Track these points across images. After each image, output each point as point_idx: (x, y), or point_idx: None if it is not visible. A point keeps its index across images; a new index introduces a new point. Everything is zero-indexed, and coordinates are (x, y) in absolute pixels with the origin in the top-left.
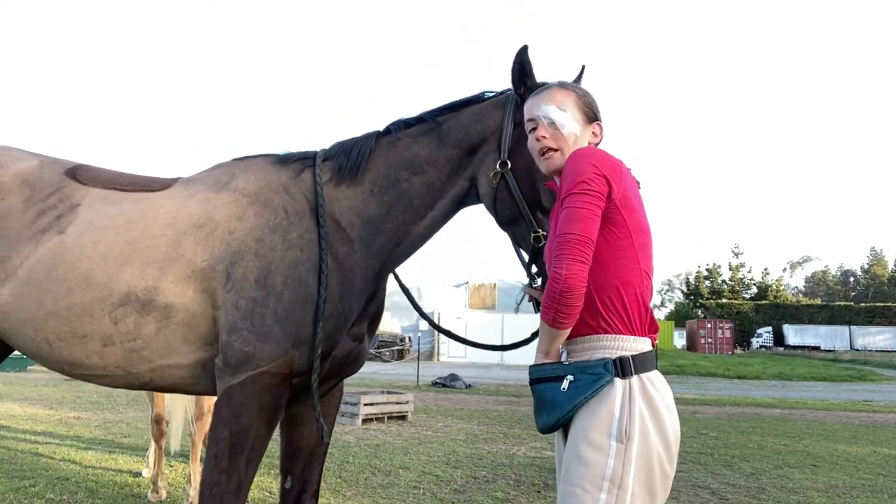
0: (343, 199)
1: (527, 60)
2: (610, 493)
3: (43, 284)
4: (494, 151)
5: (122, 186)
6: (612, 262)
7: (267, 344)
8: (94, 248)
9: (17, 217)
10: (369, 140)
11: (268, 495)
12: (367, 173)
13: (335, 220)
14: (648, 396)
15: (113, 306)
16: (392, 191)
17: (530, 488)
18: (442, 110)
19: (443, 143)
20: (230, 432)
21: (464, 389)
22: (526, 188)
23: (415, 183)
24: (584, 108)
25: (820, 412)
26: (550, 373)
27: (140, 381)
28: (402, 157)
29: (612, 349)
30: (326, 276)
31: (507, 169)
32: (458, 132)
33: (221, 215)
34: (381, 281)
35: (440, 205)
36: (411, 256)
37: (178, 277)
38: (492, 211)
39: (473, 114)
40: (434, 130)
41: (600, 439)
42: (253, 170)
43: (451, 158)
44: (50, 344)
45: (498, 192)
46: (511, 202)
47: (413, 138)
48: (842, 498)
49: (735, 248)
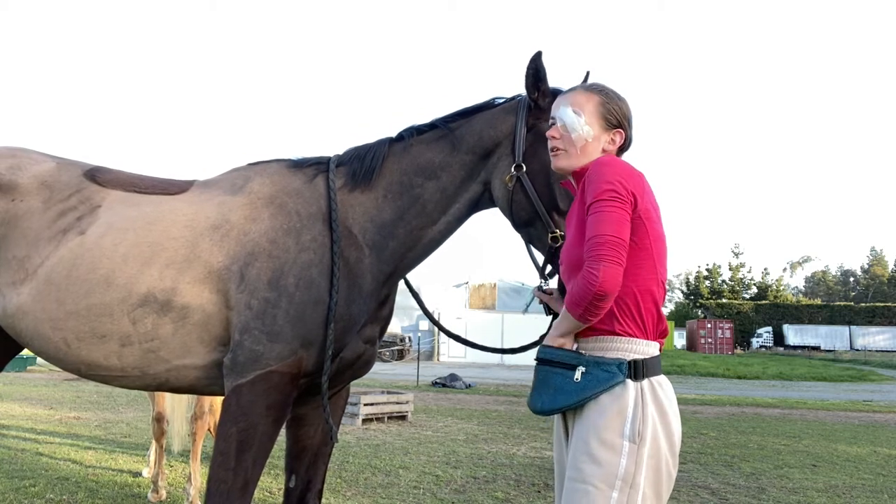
0: (356, 204)
1: (541, 66)
2: (622, 491)
3: (63, 284)
4: (508, 155)
5: (141, 189)
6: (633, 270)
7: (277, 343)
8: (114, 250)
9: (37, 218)
10: (382, 146)
11: (268, 495)
12: (380, 179)
13: (346, 225)
14: (658, 400)
15: (132, 307)
16: (406, 196)
17: (530, 488)
18: (454, 117)
19: (456, 149)
20: (237, 430)
21: (464, 389)
22: (542, 189)
23: (428, 188)
24: (605, 113)
25: (820, 412)
26: (563, 359)
27: (157, 381)
28: (416, 163)
29: (625, 351)
30: (338, 279)
31: (522, 172)
32: (472, 138)
33: (237, 217)
34: (393, 285)
35: (454, 209)
36: (422, 263)
37: (195, 278)
38: (507, 213)
39: (486, 119)
40: (447, 136)
41: (613, 439)
42: (268, 174)
43: (464, 164)
44: (68, 344)
45: (514, 194)
46: (527, 204)
47: (426, 144)
48: (842, 498)
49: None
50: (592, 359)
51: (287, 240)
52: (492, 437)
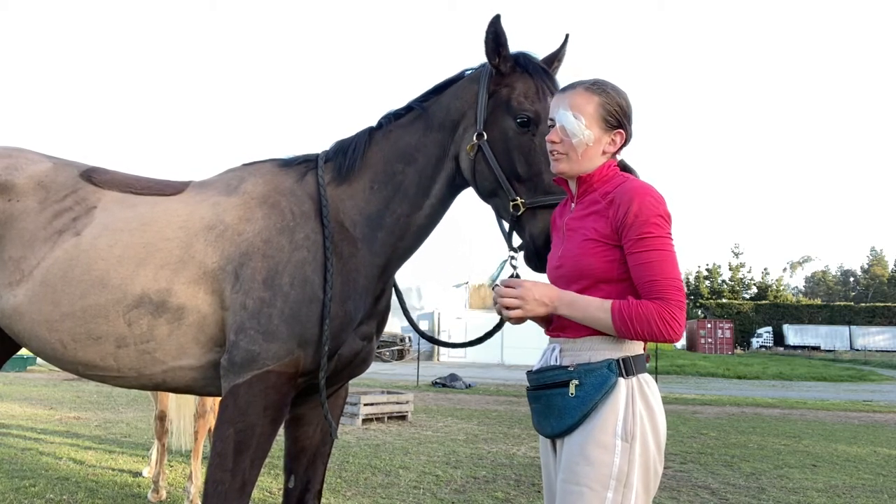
0: (346, 198)
1: (500, 30)
2: (617, 491)
3: (59, 286)
4: (473, 125)
5: (137, 190)
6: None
7: (273, 343)
8: (109, 251)
9: (33, 218)
10: (363, 136)
11: (268, 495)
12: (366, 170)
13: (339, 220)
14: (645, 397)
15: (128, 308)
16: (390, 185)
17: (530, 488)
18: (427, 94)
19: (429, 128)
20: (235, 431)
21: (464, 389)
22: (502, 157)
23: (408, 173)
24: (606, 115)
25: (820, 412)
26: (554, 379)
27: (153, 382)
28: (396, 149)
29: (613, 350)
30: (332, 276)
31: (483, 140)
32: (441, 113)
33: (231, 217)
34: (388, 278)
35: (434, 191)
36: (416, 252)
37: (189, 279)
38: (473, 184)
39: (453, 92)
40: (421, 116)
41: (606, 438)
42: (261, 173)
43: (437, 142)
44: (65, 345)
45: (476, 164)
46: (489, 173)
47: (404, 128)
48: (842, 498)
49: (735, 248)
50: (582, 368)
51: (281, 239)
52: (492, 437)
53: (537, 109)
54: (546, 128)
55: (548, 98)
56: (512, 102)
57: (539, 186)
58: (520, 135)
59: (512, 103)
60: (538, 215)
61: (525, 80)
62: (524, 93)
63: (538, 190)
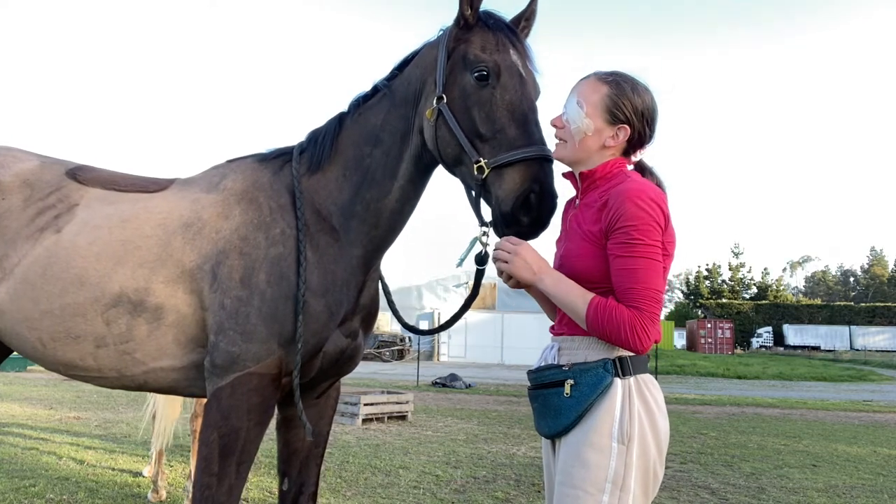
0: (320, 188)
1: None
2: (612, 494)
3: (38, 283)
4: (434, 91)
5: (120, 187)
6: None
7: (252, 344)
8: (88, 248)
9: (16, 216)
10: (333, 123)
11: (268, 495)
12: (338, 157)
13: (316, 210)
14: (644, 398)
15: (105, 307)
16: (359, 170)
17: (530, 488)
18: (393, 72)
19: (393, 105)
20: (219, 435)
21: (464, 389)
22: (462, 116)
23: (375, 156)
24: (612, 106)
25: (820, 412)
26: (551, 378)
27: (135, 383)
28: (363, 132)
29: (610, 349)
30: (305, 270)
31: (443, 103)
32: (403, 86)
33: (209, 214)
34: (369, 270)
35: (402, 171)
36: (395, 240)
37: (167, 278)
38: (436, 154)
39: (415, 62)
40: (386, 95)
41: (602, 441)
42: (241, 169)
43: (401, 116)
44: (44, 344)
45: (437, 129)
46: (450, 137)
47: (370, 110)
48: (842, 498)
49: (735, 248)
50: (577, 367)
51: (257, 235)
52: (492, 437)
53: (496, 59)
54: (508, 80)
55: (509, 51)
56: (469, 56)
57: (503, 143)
58: (479, 89)
59: (469, 56)
60: (504, 175)
61: (484, 32)
62: (482, 45)
63: (502, 146)
